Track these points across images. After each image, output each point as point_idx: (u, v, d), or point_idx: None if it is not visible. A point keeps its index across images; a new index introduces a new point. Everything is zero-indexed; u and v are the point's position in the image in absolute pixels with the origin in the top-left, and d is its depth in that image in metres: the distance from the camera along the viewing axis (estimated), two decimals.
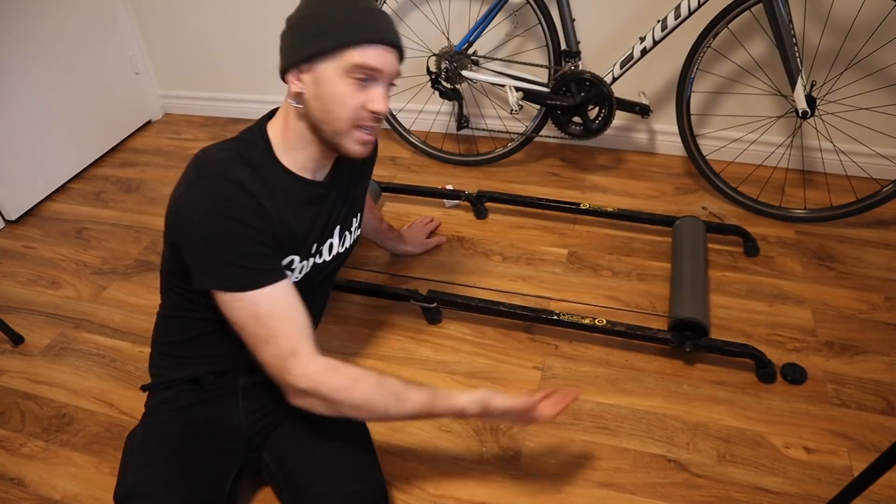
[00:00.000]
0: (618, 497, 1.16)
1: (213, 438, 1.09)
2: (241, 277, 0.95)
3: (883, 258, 1.66)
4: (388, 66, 0.97)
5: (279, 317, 0.97)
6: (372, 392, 0.98)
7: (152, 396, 1.16)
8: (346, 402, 0.97)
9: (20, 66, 1.98)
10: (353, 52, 0.94)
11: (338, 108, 0.96)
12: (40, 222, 2.02)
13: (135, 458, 1.06)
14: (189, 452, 1.06)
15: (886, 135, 1.88)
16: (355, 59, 0.94)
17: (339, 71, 0.95)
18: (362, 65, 0.94)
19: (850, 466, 1.19)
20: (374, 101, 0.97)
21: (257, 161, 1.00)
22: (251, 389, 1.13)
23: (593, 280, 1.64)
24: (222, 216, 0.94)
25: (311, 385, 0.96)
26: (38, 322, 1.63)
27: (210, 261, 0.95)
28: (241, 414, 1.13)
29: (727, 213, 1.83)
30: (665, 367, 1.40)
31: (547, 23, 1.81)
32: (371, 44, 0.94)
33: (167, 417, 1.11)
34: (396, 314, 1.57)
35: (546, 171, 2.09)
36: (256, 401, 1.14)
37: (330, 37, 0.94)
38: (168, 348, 1.14)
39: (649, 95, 2.01)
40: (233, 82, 2.48)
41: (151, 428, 1.10)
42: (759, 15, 1.71)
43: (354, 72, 0.94)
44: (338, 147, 1.01)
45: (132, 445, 1.09)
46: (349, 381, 0.97)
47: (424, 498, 1.18)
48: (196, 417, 1.10)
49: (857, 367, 1.38)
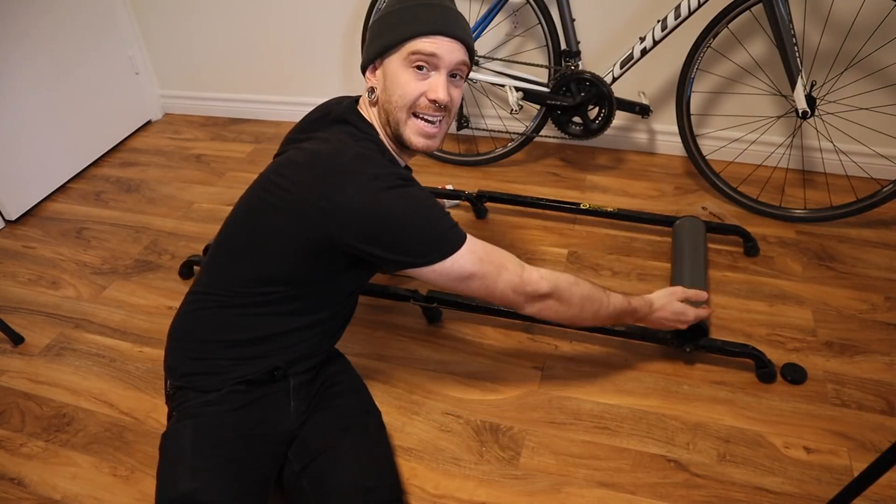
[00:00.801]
0: (618, 497, 1.16)
1: (266, 440, 1.07)
2: (456, 235, 1.03)
3: (883, 258, 1.66)
4: (446, 54, 1.01)
5: (490, 250, 1.06)
6: (590, 287, 1.14)
7: (187, 398, 1.07)
8: (576, 297, 1.11)
9: (20, 66, 1.98)
10: (412, 43, 1.01)
11: (399, 96, 1.02)
12: (40, 222, 2.02)
13: (188, 461, 0.99)
14: (245, 458, 1.02)
15: (886, 135, 1.88)
16: (413, 48, 1.00)
17: (400, 62, 1.02)
18: (418, 51, 1.00)
19: (850, 466, 1.19)
20: (433, 89, 1.01)
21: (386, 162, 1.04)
22: (300, 389, 1.14)
23: (593, 280, 1.64)
24: (411, 194, 1.00)
25: (550, 284, 1.08)
26: (38, 322, 1.63)
27: (422, 229, 1.00)
28: (292, 414, 1.12)
29: (727, 213, 1.83)
30: (665, 367, 1.40)
31: (547, 23, 1.81)
32: (429, 35, 1.00)
33: (217, 420, 1.04)
34: (396, 314, 1.57)
35: (546, 171, 2.09)
36: (304, 402, 1.14)
37: (395, 32, 1.01)
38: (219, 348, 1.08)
39: (649, 95, 2.01)
40: (233, 82, 2.48)
41: (202, 430, 1.03)
42: (759, 15, 1.71)
43: (413, 60, 1.01)
44: (401, 138, 1.06)
45: (181, 448, 1.02)
46: (572, 277, 1.12)
47: (424, 498, 1.18)
48: (247, 418, 1.06)
49: (857, 367, 1.38)
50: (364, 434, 1.12)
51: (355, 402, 1.18)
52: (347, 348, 1.48)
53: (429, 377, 1.41)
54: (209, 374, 1.08)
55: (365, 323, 1.55)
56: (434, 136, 1.06)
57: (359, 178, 0.97)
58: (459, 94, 1.08)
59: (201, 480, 0.97)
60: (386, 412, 1.33)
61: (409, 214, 0.98)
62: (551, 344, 1.47)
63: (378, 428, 1.16)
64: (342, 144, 1.02)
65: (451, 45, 1.01)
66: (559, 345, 1.47)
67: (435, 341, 1.50)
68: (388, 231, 0.98)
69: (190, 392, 1.08)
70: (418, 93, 1.02)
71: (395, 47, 1.02)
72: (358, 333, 1.53)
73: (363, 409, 1.18)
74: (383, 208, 0.97)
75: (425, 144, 1.06)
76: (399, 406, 1.35)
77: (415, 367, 1.44)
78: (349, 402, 1.17)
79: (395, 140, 1.08)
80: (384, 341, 1.51)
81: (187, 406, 1.07)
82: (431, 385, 1.39)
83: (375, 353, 1.47)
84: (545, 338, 1.48)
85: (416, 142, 1.05)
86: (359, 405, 1.18)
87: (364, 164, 0.99)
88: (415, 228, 0.99)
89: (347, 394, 1.18)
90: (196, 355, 1.09)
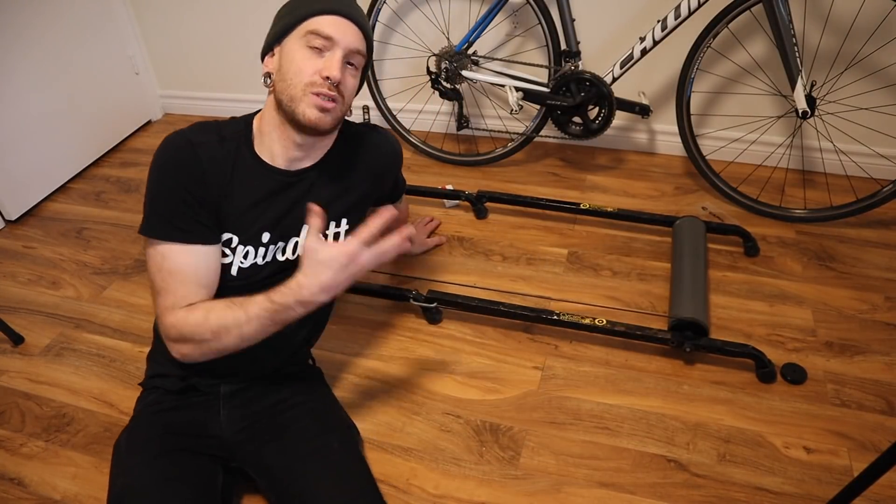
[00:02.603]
0: (618, 497, 1.16)
1: (195, 441, 1.09)
2: (157, 226, 1.01)
3: (883, 258, 1.66)
4: (343, 36, 1.00)
5: (178, 276, 1.00)
6: (223, 312, 0.98)
7: (137, 402, 1.17)
8: (208, 333, 0.98)
9: (20, 66, 1.98)
10: (309, 21, 1.01)
11: (294, 74, 1.01)
12: (40, 222, 2.02)
13: (122, 462, 1.06)
14: (172, 452, 1.05)
15: (886, 135, 1.88)
16: (310, 27, 1.00)
17: (297, 41, 1.01)
18: (316, 31, 1.00)
19: (850, 466, 1.19)
20: (327, 67, 0.99)
21: (228, 134, 1.06)
22: (232, 398, 1.14)
23: (593, 280, 1.64)
24: (160, 166, 1.01)
25: (178, 332, 1.00)
26: (38, 322, 1.63)
27: (145, 205, 1.02)
28: (223, 422, 1.13)
29: (727, 213, 1.83)
30: (665, 367, 1.40)
31: (547, 23, 1.81)
32: (327, 13, 1.00)
33: (149, 420, 1.12)
34: (396, 314, 1.57)
35: (546, 171, 2.09)
36: (238, 410, 1.14)
37: (294, 13, 1.02)
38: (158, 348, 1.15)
39: (649, 95, 2.01)
40: (233, 82, 2.48)
41: (135, 432, 1.10)
42: (759, 15, 1.71)
43: (310, 39, 1.00)
44: (294, 114, 1.01)
45: (119, 451, 1.08)
46: (201, 314, 0.99)
47: (424, 498, 1.18)
48: (177, 419, 1.11)
49: (857, 367, 1.38)
50: (329, 455, 1.09)
51: (312, 423, 1.14)
52: (348, 348, 1.48)
53: (429, 377, 1.41)
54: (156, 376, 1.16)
55: (365, 323, 1.55)
56: (328, 111, 1.01)
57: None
58: (354, 85, 1.06)
59: (131, 476, 1.02)
60: (386, 412, 1.34)
61: (151, 181, 1.02)
62: (551, 344, 1.47)
63: (344, 444, 1.13)
64: (206, 122, 1.09)
65: (349, 27, 1.01)
66: (559, 345, 1.47)
67: (435, 341, 1.50)
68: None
69: (140, 397, 1.18)
70: (314, 69, 1.00)
71: (294, 27, 1.02)
72: (358, 333, 1.53)
73: (323, 429, 1.14)
74: (151, 164, 1.03)
75: (318, 117, 1.00)
76: (399, 406, 1.35)
77: (415, 367, 1.44)
78: (304, 424, 1.13)
79: (291, 122, 1.03)
80: (384, 341, 1.51)
81: (134, 412, 1.16)
82: (431, 385, 1.39)
83: (375, 353, 1.47)
84: (545, 338, 1.48)
85: (309, 114, 1.00)
86: (317, 425, 1.14)
87: (179, 135, 1.03)
88: (147, 193, 1.03)
89: (302, 417, 1.14)
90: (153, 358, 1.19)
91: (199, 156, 1.02)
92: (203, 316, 0.98)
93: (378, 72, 2.21)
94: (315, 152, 1.10)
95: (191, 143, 1.02)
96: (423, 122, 2.31)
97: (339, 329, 1.54)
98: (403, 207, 1.52)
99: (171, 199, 1.00)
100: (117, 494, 1.00)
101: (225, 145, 1.05)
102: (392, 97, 2.25)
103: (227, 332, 0.97)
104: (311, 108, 1.00)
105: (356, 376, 1.42)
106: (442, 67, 1.92)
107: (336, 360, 1.45)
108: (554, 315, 1.45)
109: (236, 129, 1.08)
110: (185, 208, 1.01)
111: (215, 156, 1.03)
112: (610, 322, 1.42)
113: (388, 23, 2.13)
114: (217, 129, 1.07)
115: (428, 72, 1.96)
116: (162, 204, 1.01)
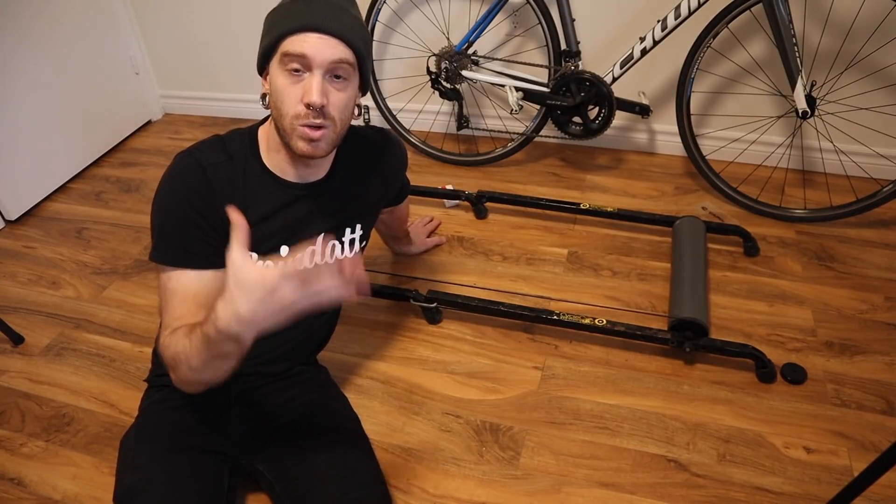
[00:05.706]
0: (618, 497, 1.16)
1: (204, 439, 1.09)
2: (170, 253, 0.99)
3: (883, 258, 1.66)
4: (317, 53, 0.91)
5: (179, 297, 0.98)
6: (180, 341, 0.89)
7: (145, 399, 1.17)
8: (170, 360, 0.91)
9: (20, 66, 1.98)
10: (283, 44, 0.93)
11: (281, 104, 0.95)
12: (40, 222, 2.02)
13: (130, 458, 1.05)
14: (181, 450, 1.06)
15: (886, 135, 1.88)
16: (284, 49, 0.93)
17: (277, 67, 0.95)
18: (287, 52, 0.92)
19: (849, 466, 1.19)
20: (307, 93, 0.92)
21: (234, 150, 1.03)
22: (243, 396, 1.14)
23: (593, 280, 1.64)
24: (172, 190, 0.99)
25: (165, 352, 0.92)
26: (38, 322, 1.63)
27: (153, 230, 1.01)
28: (233, 419, 1.13)
29: (727, 213, 1.83)
30: (665, 367, 1.40)
31: (547, 23, 1.81)
32: (299, 31, 0.92)
33: (159, 417, 1.11)
34: (396, 314, 1.57)
35: (546, 171, 2.09)
36: (250, 409, 1.14)
37: (271, 32, 0.95)
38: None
39: (649, 95, 2.01)
40: (233, 82, 2.48)
41: (144, 428, 1.10)
42: (759, 15, 1.71)
43: (286, 62, 0.93)
44: (289, 146, 0.99)
45: (127, 447, 1.08)
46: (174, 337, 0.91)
47: (424, 498, 1.18)
48: (187, 417, 1.10)
49: (857, 367, 1.38)
50: (341, 445, 1.10)
51: (322, 419, 1.16)
52: (348, 348, 1.48)
53: (429, 377, 1.41)
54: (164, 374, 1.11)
55: (365, 323, 1.55)
56: (318, 140, 0.96)
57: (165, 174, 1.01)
58: (345, 98, 0.97)
59: (140, 472, 1.01)
60: (386, 412, 1.34)
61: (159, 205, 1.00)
62: (551, 344, 1.47)
63: (352, 439, 1.14)
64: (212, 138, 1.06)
65: (323, 41, 0.91)
66: (559, 345, 1.47)
67: (435, 341, 1.50)
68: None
69: (147, 393, 1.17)
70: (296, 98, 0.93)
71: (273, 51, 0.95)
72: (358, 333, 1.53)
73: (333, 426, 1.16)
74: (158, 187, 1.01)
75: (309, 149, 0.96)
76: (399, 406, 1.35)
77: (415, 367, 1.44)
78: (314, 421, 1.15)
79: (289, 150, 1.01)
80: (384, 341, 1.51)
81: (141, 408, 1.15)
82: (431, 385, 1.39)
83: (375, 353, 1.47)
84: (545, 338, 1.48)
85: (301, 146, 0.96)
86: (327, 422, 1.16)
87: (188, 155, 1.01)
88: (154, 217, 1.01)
89: (312, 414, 1.16)
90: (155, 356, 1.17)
91: (209, 179, 0.99)
92: (167, 344, 0.92)
93: (378, 72, 2.21)
94: (324, 163, 1.10)
95: (201, 166, 0.99)
96: (423, 122, 2.31)
97: (340, 329, 1.53)
98: (404, 207, 1.52)
99: (184, 225, 0.98)
100: (126, 490, 1.00)
101: (233, 163, 1.02)
102: (392, 97, 2.25)
103: (181, 359, 0.88)
104: (302, 142, 0.96)
105: (356, 376, 1.42)
106: (442, 67, 1.92)
107: (336, 360, 1.45)
108: (554, 315, 1.45)
109: (241, 144, 1.05)
110: (197, 232, 0.98)
111: (225, 176, 1.01)
112: (610, 322, 1.42)
113: (388, 23, 2.13)
114: (222, 145, 1.03)
115: (428, 72, 1.96)
116: (173, 229, 0.99)
